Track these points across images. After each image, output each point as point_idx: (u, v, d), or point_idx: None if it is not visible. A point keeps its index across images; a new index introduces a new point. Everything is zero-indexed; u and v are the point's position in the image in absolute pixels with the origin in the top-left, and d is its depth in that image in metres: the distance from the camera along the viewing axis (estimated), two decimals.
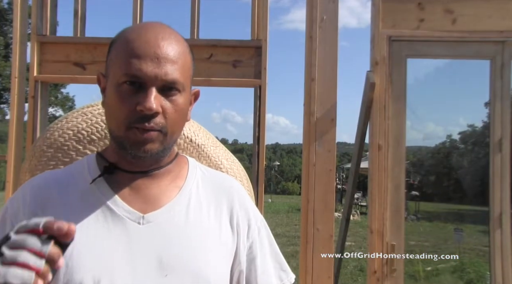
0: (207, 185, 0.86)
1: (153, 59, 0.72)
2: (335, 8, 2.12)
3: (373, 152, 2.13)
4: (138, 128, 0.73)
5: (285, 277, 0.88)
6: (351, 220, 3.28)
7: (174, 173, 0.84)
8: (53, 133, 1.05)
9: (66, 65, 2.27)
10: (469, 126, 16.69)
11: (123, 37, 0.76)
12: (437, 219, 14.11)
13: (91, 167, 0.82)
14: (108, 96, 0.78)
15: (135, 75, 0.72)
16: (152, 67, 0.72)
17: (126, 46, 0.74)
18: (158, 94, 0.73)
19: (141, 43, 0.73)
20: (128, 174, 0.80)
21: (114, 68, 0.76)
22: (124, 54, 0.74)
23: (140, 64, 0.72)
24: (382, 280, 2.09)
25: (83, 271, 0.71)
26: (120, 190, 0.79)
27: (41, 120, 2.26)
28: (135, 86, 0.73)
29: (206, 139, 1.08)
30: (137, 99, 0.72)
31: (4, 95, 22.77)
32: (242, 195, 0.89)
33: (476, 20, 2.15)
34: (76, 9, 2.37)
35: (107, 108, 0.79)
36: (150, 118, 0.73)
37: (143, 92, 0.73)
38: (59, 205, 0.77)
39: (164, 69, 0.73)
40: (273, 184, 42.79)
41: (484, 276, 6.23)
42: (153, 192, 0.80)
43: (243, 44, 2.26)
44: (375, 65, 2.14)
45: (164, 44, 0.74)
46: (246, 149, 72.07)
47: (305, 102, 2.11)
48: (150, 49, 0.73)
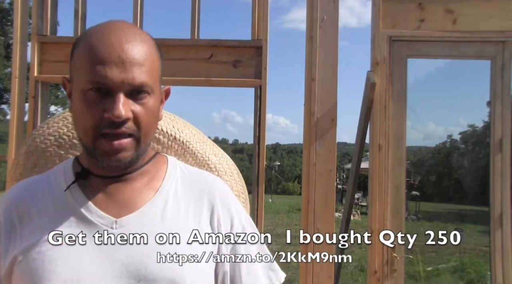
0: (187, 184, 0.83)
1: (118, 64, 0.69)
2: (335, 8, 2.12)
3: (373, 152, 2.13)
4: (107, 136, 0.71)
5: (274, 276, 0.85)
6: (352, 220, 3.28)
7: (150, 175, 0.82)
8: (35, 139, 1.03)
9: (67, 65, 2.25)
10: (469, 126, 16.66)
11: (86, 41, 0.73)
12: (438, 219, 14.10)
13: (67, 173, 0.81)
14: (74, 103, 0.75)
15: (101, 82, 0.70)
16: (118, 72, 0.69)
17: (89, 51, 0.71)
18: (126, 99, 0.71)
19: (105, 48, 0.70)
20: (101, 179, 0.78)
21: (78, 74, 0.73)
22: (87, 60, 0.71)
23: (105, 71, 0.69)
24: (383, 280, 2.08)
25: (54, 278, 0.70)
26: (94, 196, 0.77)
27: (42, 120, 2.26)
28: (101, 92, 0.70)
29: (191, 136, 1.06)
30: (104, 106, 0.70)
31: (4, 95, 22.78)
32: (224, 192, 0.85)
33: (476, 20, 2.15)
34: (77, 9, 2.37)
35: (74, 115, 0.76)
36: (120, 124, 0.70)
37: (110, 99, 0.70)
38: (34, 213, 0.76)
39: (130, 74, 0.70)
40: (273, 184, 42.78)
41: (485, 276, 6.22)
42: (127, 196, 0.78)
43: (244, 44, 2.26)
44: (376, 65, 2.14)
45: (129, 47, 0.71)
46: (246, 149, 72.13)
47: (306, 102, 2.11)
48: (114, 53, 0.70)
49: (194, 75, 2.24)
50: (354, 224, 13.00)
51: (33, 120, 2.23)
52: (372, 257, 2.10)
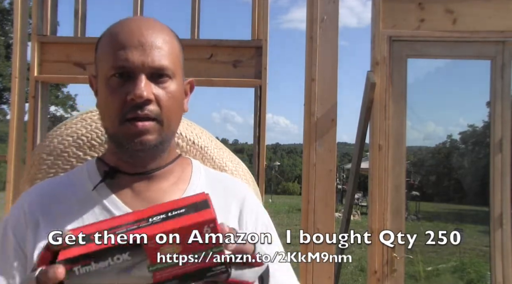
0: (212, 187, 0.83)
1: (137, 47, 0.71)
2: (335, 8, 2.12)
3: (373, 152, 2.13)
4: (132, 120, 0.72)
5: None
6: (352, 220, 3.28)
7: (176, 175, 0.82)
8: (52, 140, 1.03)
9: (67, 65, 2.27)
10: (469, 126, 16.66)
11: (107, 33, 0.76)
12: (438, 219, 14.10)
13: (92, 173, 0.81)
14: (99, 94, 0.77)
15: (122, 66, 0.71)
16: (138, 55, 0.71)
17: (111, 40, 0.74)
18: (148, 82, 0.72)
19: (125, 34, 0.73)
20: (129, 177, 0.78)
21: (101, 64, 0.75)
22: (109, 48, 0.73)
23: (126, 54, 0.71)
24: (383, 280, 2.09)
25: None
26: (122, 194, 0.77)
27: (42, 120, 2.26)
28: (124, 77, 0.72)
29: (209, 141, 1.06)
30: (127, 89, 0.71)
31: (4, 95, 22.78)
32: (251, 197, 0.86)
33: (476, 20, 2.15)
34: (77, 9, 2.37)
35: (100, 107, 0.78)
36: (142, 106, 0.71)
37: (132, 82, 0.71)
38: (59, 213, 0.75)
39: (150, 56, 0.72)
40: (273, 184, 42.79)
41: (485, 276, 6.22)
42: (155, 195, 0.78)
43: (244, 44, 2.26)
44: (376, 65, 2.14)
45: (148, 32, 0.73)
46: (246, 149, 72.14)
47: (306, 102, 2.11)
48: (134, 38, 0.72)
49: (194, 75, 2.23)
50: (354, 224, 13.00)
51: (33, 120, 2.23)
52: (372, 257, 2.10)
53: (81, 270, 0.52)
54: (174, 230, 0.53)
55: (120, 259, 0.52)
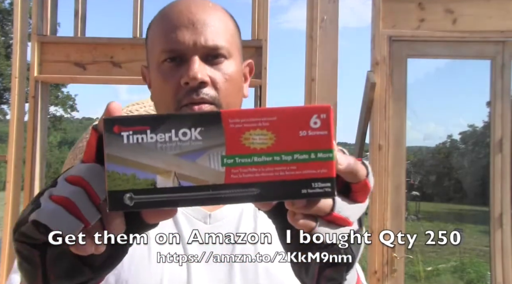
0: None
1: (188, 27, 0.66)
2: (335, 8, 2.12)
3: (373, 152, 2.13)
4: (187, 106, 0.65)
5: None
6: None
7: None
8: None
9: (67, 65, 2.27)
10: (469, 126, 16.70)
11: (156, 18, 0.72)
12: (438, 219, 14.10)
13: None
14: (152, 84, 0.71)
15: (173, 49, 0.66)
16: (189, 34, 0.65)
17: (159, 23, 0.69)
18: (202, 63, 0.66)
19: (173, 14, 0.67)
20: None
21: (152, 51, 0.70)
22: (158, 32, 0.69)
23: (176, 35, 0.65)
24: (383, 280, 2.09)
25: (153, 273, 0.65)
26: None
27: (42, 120, 2.26)
28: (177, 61, 0.66)
29: None
30: (180, 73, 0.65)
31: (4, 95, 22.78)
32: None
33: (476, 20, 2.15)
34: (77, 9, 2.37)
35: (154, 97, 0.72)
36: (197, 89, 0.65)
37: (185, 65, 0.66)
38: None
39: (202, 35, 0.66)
40: None
41: (485, 276, 6.23)
42: None
43: (243, 44, 2.24)
44: (376, 65, 2.14)
45: (198, 10, 0.67)
46: None
47: (305, 102, 2.11)
48: (184, 17, 0.66)
49: None
50: None
51: (33, 120, 2.23)
52: (372, 257, 2.10)
53: (132, 138, 0.38)
54: (272, 112, 0.38)
55: (187, 135, 0.38)
